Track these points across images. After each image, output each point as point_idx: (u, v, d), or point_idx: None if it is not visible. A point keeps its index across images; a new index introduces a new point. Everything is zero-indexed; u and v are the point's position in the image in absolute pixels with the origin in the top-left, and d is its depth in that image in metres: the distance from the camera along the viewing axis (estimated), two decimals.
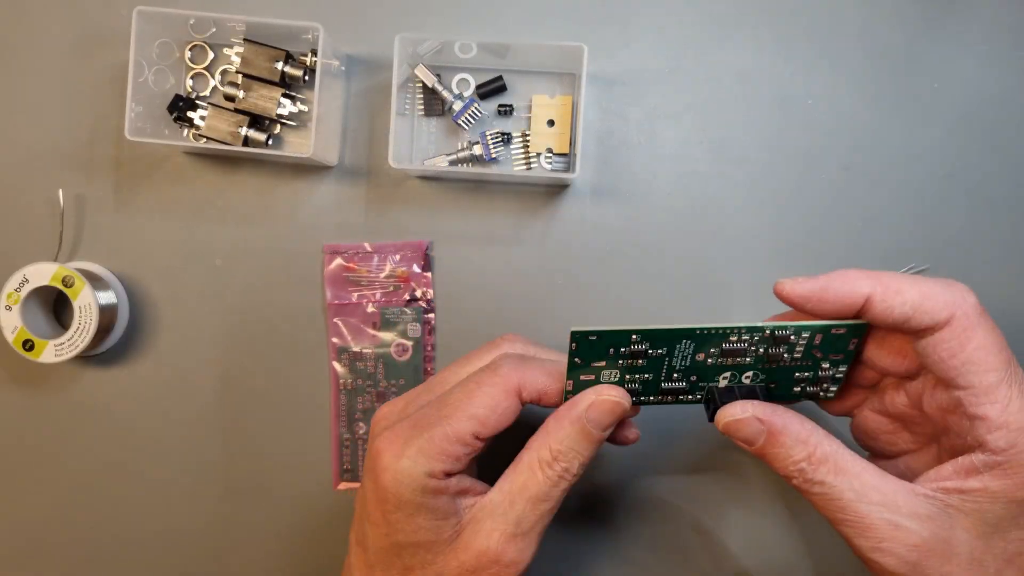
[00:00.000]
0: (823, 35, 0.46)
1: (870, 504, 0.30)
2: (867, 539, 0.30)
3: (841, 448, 0.31)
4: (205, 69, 0.46)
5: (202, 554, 0.47)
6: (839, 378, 0.35)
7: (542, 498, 0.33)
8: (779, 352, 0.33)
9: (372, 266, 0.46)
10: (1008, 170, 0.45)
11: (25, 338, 0.44)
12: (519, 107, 0.46)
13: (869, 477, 0.30)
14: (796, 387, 0.35)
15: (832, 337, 0.33)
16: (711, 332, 0.32)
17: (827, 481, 0.30)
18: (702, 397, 0.35)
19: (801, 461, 0.31)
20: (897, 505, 0.30)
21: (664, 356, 0.33)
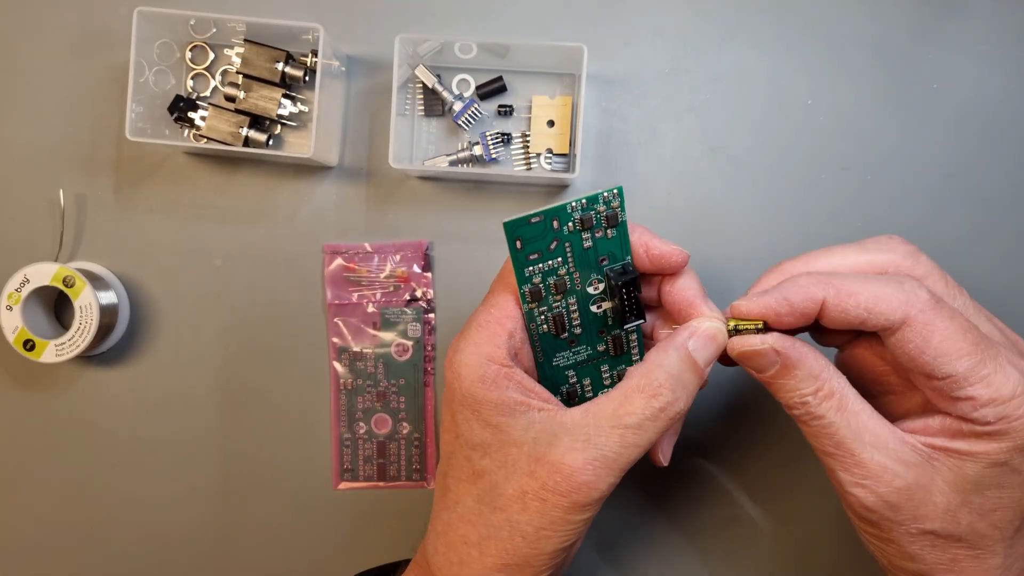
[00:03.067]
0: (823, 36, 0.46)
1: (863, 443, 0.30)
2: (852, 475, 0.31)
3: (846, 385, 0.31)
4: (205, 70, 0.46)
5: (202, 553, 0.47)
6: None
7: (633, 429, 0.31)
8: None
9: (372, 266, 0.46)
10: (1008, 170, 0.45)
11: (26, 338, 0.44)
12: (519, 107, 0.46)
13: (867, 418, 0.31)
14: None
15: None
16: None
17: (827, 416, 0.31)
18: (611, 294, 0.34)
19: (808, 395, 0.31)
20: (888, 448, 0.31)
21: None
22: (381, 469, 0.46)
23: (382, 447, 0.46)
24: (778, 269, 0.34)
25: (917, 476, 0.30)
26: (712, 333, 0.32)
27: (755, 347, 0.31)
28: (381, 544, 0.46)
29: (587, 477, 0.30)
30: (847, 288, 0.30)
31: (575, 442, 0.31)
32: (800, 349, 0.31)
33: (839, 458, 0.31)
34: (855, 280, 0.31)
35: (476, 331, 0.33)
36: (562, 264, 0.33)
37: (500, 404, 0.32)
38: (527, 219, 0.32)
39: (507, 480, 0.32)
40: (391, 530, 0.46)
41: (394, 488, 0.47)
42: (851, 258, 0.33)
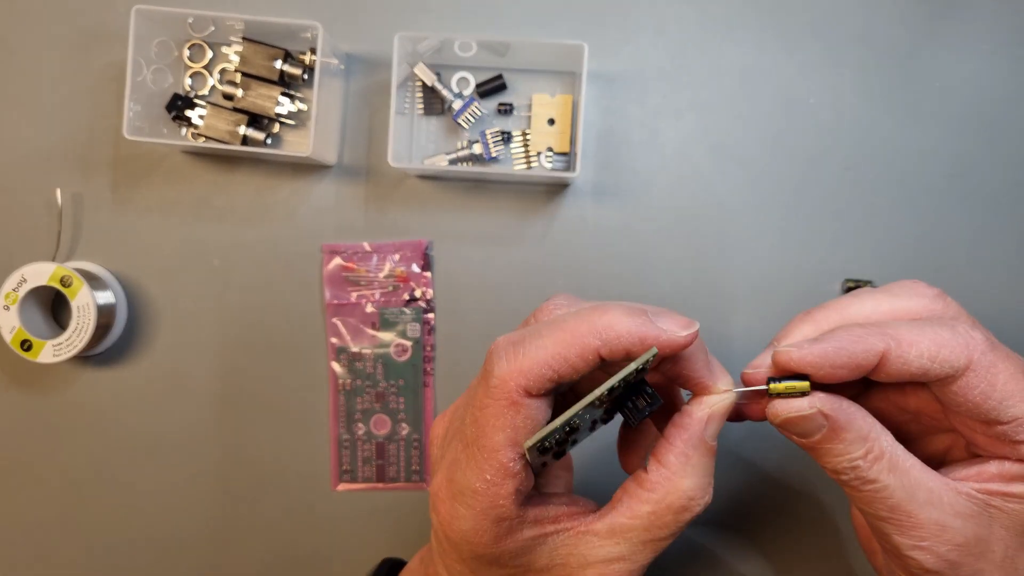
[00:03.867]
0: (825, 34, 0.45)
1: (919, 503, 0.28)
2: (910, 537, 0.29)
3: (894, 442, 0.29)
4: (204, 68, 0.46)
5: (201, 554, 0.47)
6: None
7: (667, 540, 0.30)
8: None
9: (371, 266, 0.46)
10: (1011, 169, 0.45)
11: (23, 338, 0.43)
12: (519, 106, 0.45)
13: (918, 474, 0.29)
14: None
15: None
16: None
17: (880, 479, 0.29)
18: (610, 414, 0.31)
19: (858, 459, 0.29)
20: (943, 503, 0.29)
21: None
22: (380, 470, 0.46)
23: (381, 448, 0.46)
24: (809, 318, 0.31)
25: (975, 528, 0.29)
26: (723, 411, 0.30)
27: (802, 412, 0.29)
28: (380, 545, 0.46)
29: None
30: (907, 337, 0.28)
31: (610, 562, 0.30)
32: (848, 409, 0.29)
33: (895, 522, 0.29)
34: (910, 328, 0.28)
35: (474, 498, 0.29)
36: (573, 431, 0.30)
37: (517, 551, 0.30)
38: (546, 437, 0.28)
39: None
40: (390, 531, 0.46)
41: (393, 489, 0.46)
42: (884, 305, 0.31)
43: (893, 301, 0.31)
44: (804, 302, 0.45)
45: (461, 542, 0.30)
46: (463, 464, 0.29)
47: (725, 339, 0.45)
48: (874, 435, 0.29)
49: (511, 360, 0.28)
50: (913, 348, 0.28)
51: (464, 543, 0.30)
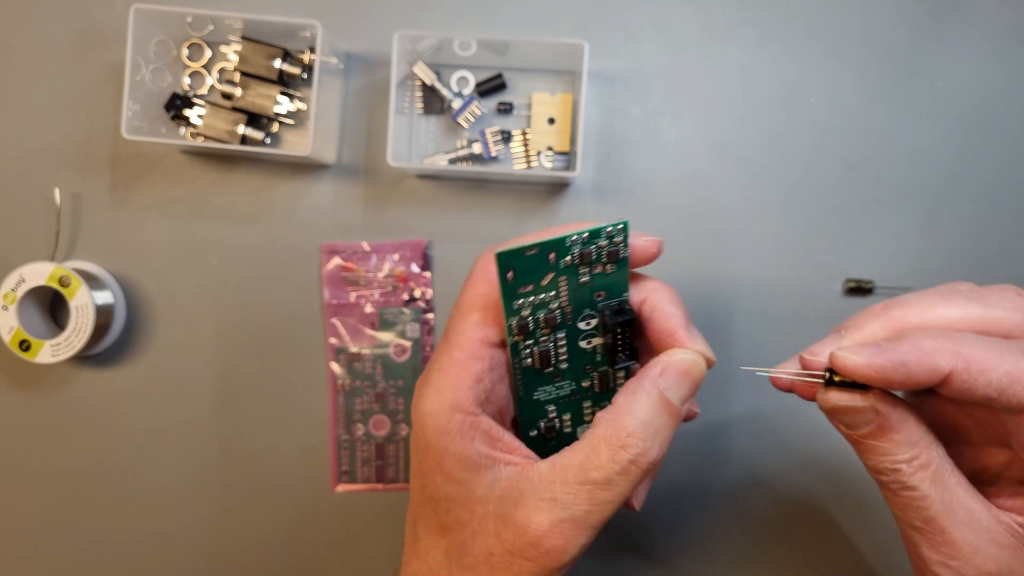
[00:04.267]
0: (826, 33, 0.45)
1: (956, 521, 0.28)
2: (939, 553, 0.28)
3: (943, 455, 0.28)
4: (202, 67, 0.46)
5: (199, 555, 0.46)
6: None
7: (602, 485, 0.28)
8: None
9: (370, 266, 0.45)
10: (1012, 168, 0.45)
11: (21, 338, 0.43)
12: (519, 105, 0.45)
13: (962, 492, 0.28)
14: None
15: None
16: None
17: (920, 488, 0.28)
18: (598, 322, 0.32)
19: (902, 463, 0.28)
20: (981, 527, 0.28)
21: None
22: (379, 471, 0.46)
23: (380, 449, 0.46)
24: (884, 314, 0.29)
25: (1009, 560, 0.28)
26: (685, 367, 0.30)
27: (854, 404, 0.28)
28: (379, 546, 0.46)
29: (555, 542, 0.28)
30: (979, 362, 0.26)
31: (541, 502, 0.29)
32: (903, 412, 0.28)
33: (927, 534, 0.28)
34: (988, 350, 0.26)
35: (439, 375, 0.31)
36: (555, 298, 0.31)
37: (464, 458, 0.30)
38: (522, 251, 0.29)
39: (474, 539, 0.30)
40: (389, 532, 0.46)
41: (392, 490, 0.46)
42: (973, 313, 0.28)
43: (985, 311, 0.28)
44: (804, 302, 0.45)
45: (419, 428, 0.31)
46: (438, 353, 0.32)
47: (725, 338, 0.45)
48: (924, 443, 0.28)
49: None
50: (983, 376, 0.26)
51: (420, 429, 0.31)
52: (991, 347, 0.26)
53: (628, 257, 0.31)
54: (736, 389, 0.45)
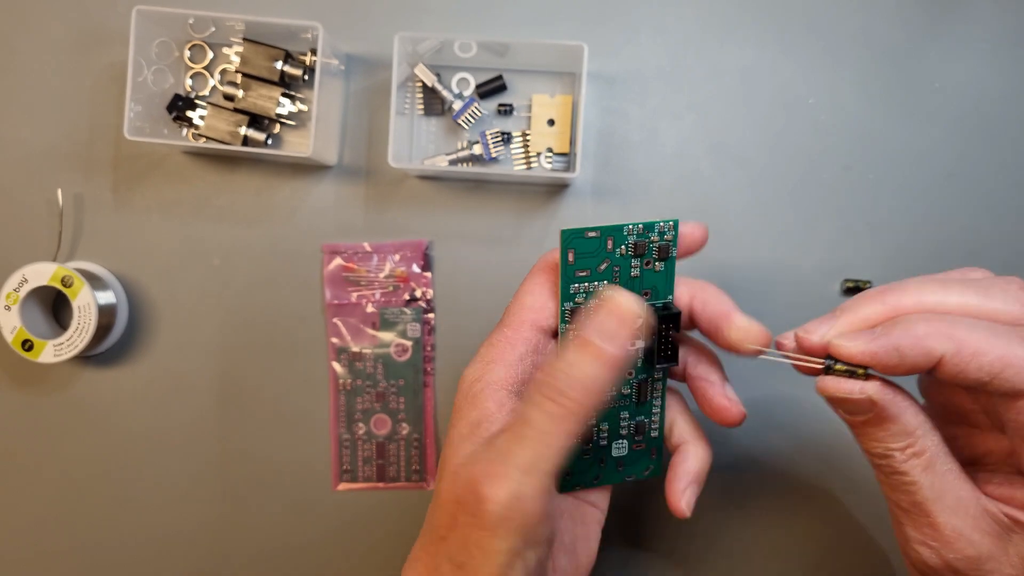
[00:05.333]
0: (825, 34, 0.46)
1: (943, 507, 0.28)
2: (922, 534, 0.29)
3: (939, 444, 0.29)
4: (204, 68, 0.46)
5: (201, 554, 0.47)
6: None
7: (537, 436, 0.28)
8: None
9: (371, 266, 0.46)
10: (1010, 169, 0.45)
11: (24, 338, 0.43)
12: (519, 106, 0.45)
13: (952, 479, 0.29)
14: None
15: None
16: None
17: (911, 474, 0.28)
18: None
19: (896, 450, 0.29)
20: (968, 515, 0.28)
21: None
22: (380, 470, 0.46)
23: (381, 448, 0.46)
24: (880, 298, 0.29)
25: (991, 547, 0.28)
26: (608, 306, 0.29)
27: (851, 395, 0.28)
28: (380, 545, 0.46)
29: (490, 493, 0.27)
30: (971, 346, 0.26)
31: (476, 449, 0.29)
32: (900, 404, 0.28)
33: (913, 516, 0.29)
34: (981, 333, 0.26)
35: (486, 348, 0.32)
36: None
37: (471, 421, 0.31)
38: (583, 232, 0.31)
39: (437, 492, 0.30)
40: (390, 531, 0.46)
41: (393, 489, 0.46)
42: (971, 301, 0.28)
43: (982, 301, 0.28)
44: (803, 302, 0.45)
45: (457, 390, 0.32)
46: (493, 330, 0.33)
47: None
48: (920, 433, 0.28)
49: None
50: (975, 360, 0.26)
51: (457, 391, 0.32)
52: (984, 332, 0.26)
53: (675, 257, 0.32)
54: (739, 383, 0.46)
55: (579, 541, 0.35)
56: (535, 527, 0.28)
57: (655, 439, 0.36)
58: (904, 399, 0.29)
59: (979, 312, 0.28)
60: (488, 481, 0.28)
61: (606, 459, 0.35)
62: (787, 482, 0.46)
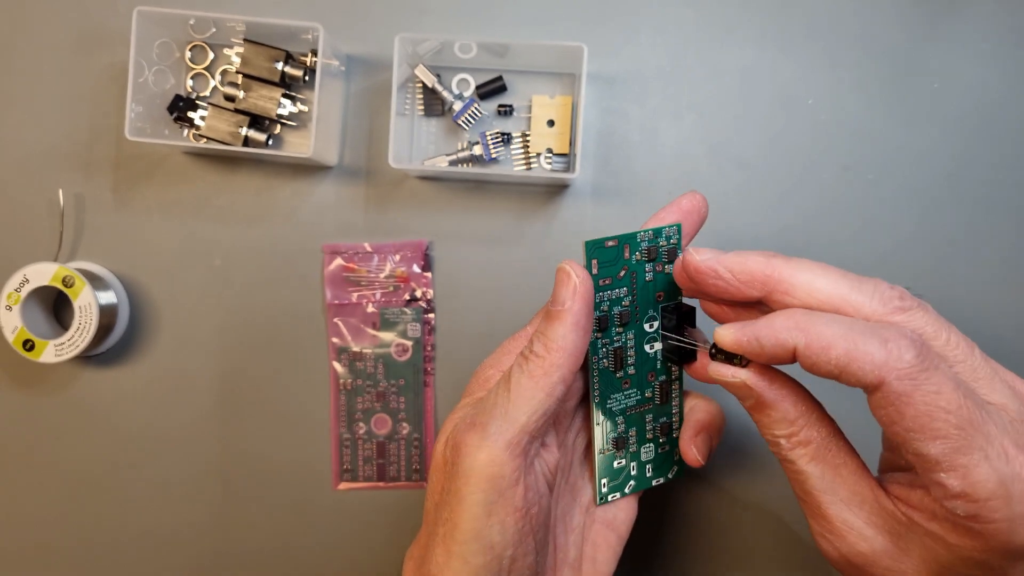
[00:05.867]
0: (824, 35, 0.46)
1: (833, 498, 0.29)
2: (818, 524, 0.30)
3: (829, 437, 0.30)
4: (205, 69, 0.46)
5: (202, 554, 0.47)
6: None
7: (515, 390, 0.30)
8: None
9: (372, 266, 0.46)
10: (1009, 170, 0.45)
11: (25, 338, 0.44)
12: (519, 107, 0.45)
13: (848, 473, 0.29)
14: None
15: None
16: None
17: (798, 463, 0.29)
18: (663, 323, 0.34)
19: (781, 437, 0.30)
20: (863, 510, 0.29)
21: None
22: (381, 469, 0.46)
23: (382, 447, 0.46)
24: (768, 260, 0.30)
25: (887, 544, 0.28)
26: (560, 275, 0.31)
27: (726, 379, 0.30)
28: (381, 545, 0.46)
29: (463, 443, 0.30)
30: (820, 340, 0.27)
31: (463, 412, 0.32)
32: (776, 392, 0.29)
33: (808, 505, 0.30)
34: (832, 328, 0.27)
35: (509, 342, 0.34)
36: (627, 294, 0.33)
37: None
38: (603, 242, 0.32)
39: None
40: (391, 531, 0.46)
41: (394, 488, 0.47)
42: (839, 290, 0.29)
43: (850, 292, 0.29)
44: None
45: (477, 371, 0.35)
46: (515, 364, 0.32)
47: None
48: (802, 422, 0.29)
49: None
50: (824, 353, 0.27)
51: (477, 371, 0.34)
52: (837, 326, 0.27)
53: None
54: None
55: (586, 561, 0.35)
56: (505, 480, 0.30)
57: (677, 439, 0.36)
58: (783, 388, 0.29)
59: (845, 300, 0.29)
60: (466, 431, 0.30)
61: (638, 465, 0.36)
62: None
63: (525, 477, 0.30)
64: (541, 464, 0.32)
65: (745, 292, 0.30)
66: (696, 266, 0.30)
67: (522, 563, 0.31)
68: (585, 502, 0.36)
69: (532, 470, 0.31)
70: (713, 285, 0.30)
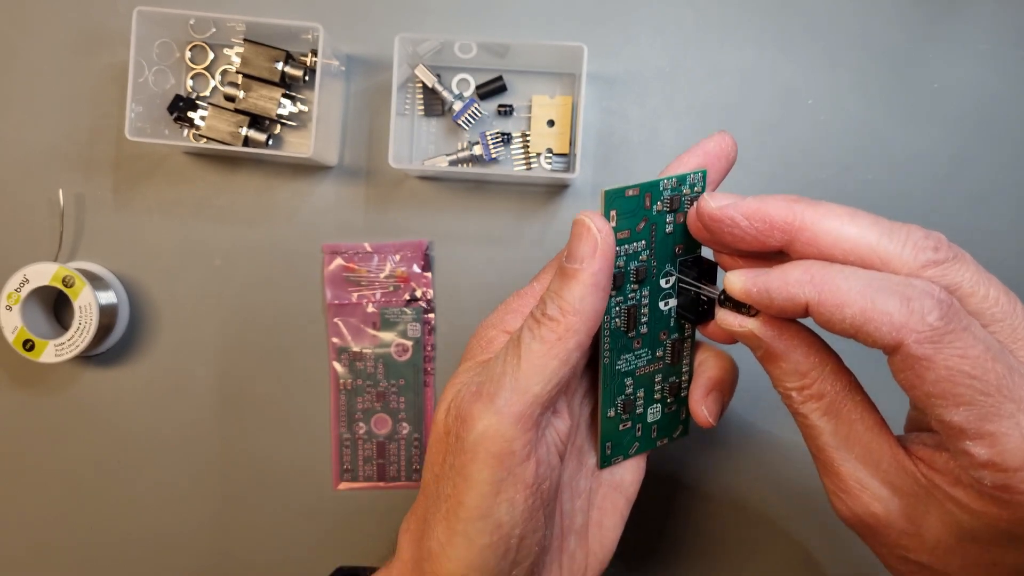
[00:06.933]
0: (824, 35, 0.46)
1: (846, 456, 0.27)
2: (831, 483, 0.28)
3: (846, 390, 0.27)
4: (205, 69, 0.46)
5: (201, 553, 0.47)
6: None
7: (526, 357, 0.28)
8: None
9: (372, 266, 0.46)
10: (1010, 169, 0.45)
11: (25, 338, 0.44)
12: (519, 107, 0.46)
13: (864, 430, 0.27)
14: None
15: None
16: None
17: (810, 417, 0.28)
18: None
19: (792, 390, 0.28)
20: (879, 469, 0.27)
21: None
22: (381, 469, 0.46)
23: (382, 447, 0.46)
24: (790, 204, 0.27)
25: (906, 506, 0.26)
26: (577, 229, 0.28)
27: (733, 328, 0.28)
28: (381, 544, 0.46)
29: (457, 404, 0.29)
30: (835, 296, 0.25)
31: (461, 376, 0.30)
32: (786, 343, 0.27)
33: (820, 462, 0.28)
34: (852, 283, 0.25)
35: (513, 299, 0.32)
36: (645, 248, 0.30)
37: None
38: (624, 191, 0.29)
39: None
40: (391, 530, 0.46)
41: (394, 488, 0.47)
42: (868, 237, 0.27)
43: (879, 240, 0.27)
44: None
45: (478, 330, 0.33)
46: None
47: None
48: (814, 375, 0.27)
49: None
50: (838, 311, 0.25)
51: (478, 330, 0.32)
52: (855, 281, 0.25)
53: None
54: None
55: (593, 527, 0.33)
56: (516, 456, 0.27)
57: (684, 399, 0.35)
58: (793, 339, 0.27)
59: (871, 251, 0.26)
60: (472, 401, 0.28)
61: (643, 427, 0.34)
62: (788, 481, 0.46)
63: (536, 451, 0.28)
64: (552, 434, 0.30)
65: (764, 242, 0.27)
66: (711, 213, 0.28)
67: (531, 540, 0.29)
68: (591, 466, 0.34)
69: (543, 442, 0.29)
70: (730, 234, 0.28)
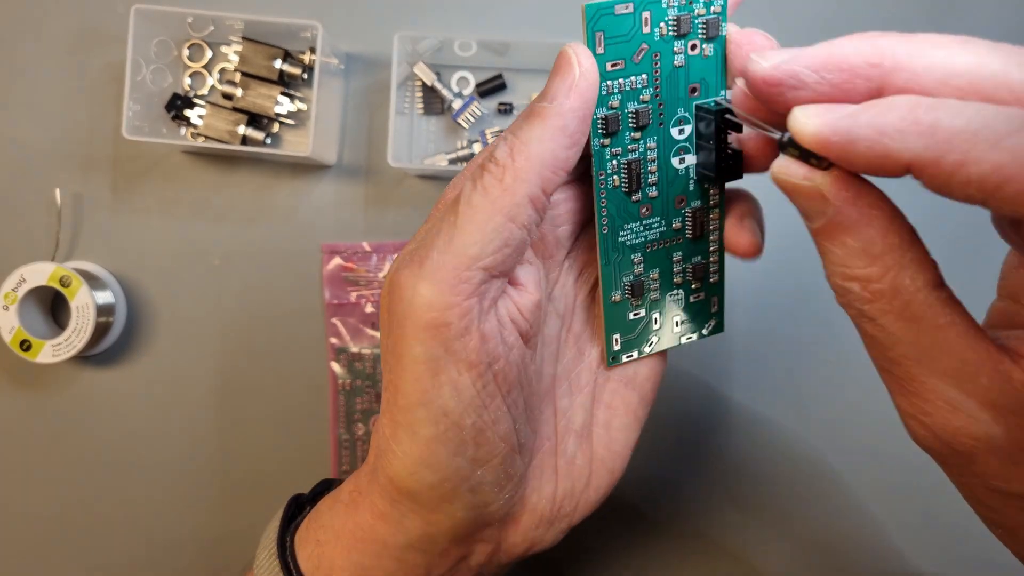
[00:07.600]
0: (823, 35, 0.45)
1: (933, 369, 0.20)
2: (911, 404, 0.21)
3: (929, 284, 0.21)
4: (203, 68, 0.46)
5: (200, 554, 0.47)
6: None
7: (464, 213, 0.23)
8: None
9: (371, 266, 0.46)
10: None
11: (22, 338, 0.43)
12: (519, 105, 0.45)
13: (954, 335, 0.20)
14: None
15: None
16: None
17: (880, 320, 0.21)
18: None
19: (854, 280, 0.21)
20: (975, 384, 0.20)
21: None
22: None
23: None
24: (871, 39, 0.20)
25: (1011, 428, 0.20)
26: (561, 59, 0.23)
27: (795, 180, 0.21)
28: None
29: (401, 277, 0.24)
30: (957, 153, 0.17)
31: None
32: (860, 211, 0.20)
33: (896, 379, 0.21)
34: (977, 132, 0.17)
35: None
36: (647, 85, 0.25)
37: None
38: (612, 7, 0.23)
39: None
40: None
41: None
42: (989, 67, 0.19)
43: (1005, 66, 0.19)
44: (804, 301, 0.45)
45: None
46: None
47: (725, 338, 0.45)
48: (889, 261, 0.20)
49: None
50: (962, 171, 0.18)
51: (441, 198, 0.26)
52: (985, 129, 0.17)
53: (726, 37, 0.26)
54: (742, 381, 0.46)
55: (598, 427, 0.29)
56: (451, 329, 0.23)
57: (715, 285, 0.29)
58: (872, 208, 0.20)
59: (998, 85, 0.19)
60: (403, 266, 0.24)
61: (661, 317, 0.28)
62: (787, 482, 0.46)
63: (481, 324, 0.23)
64: (508, 307, 0.25)
65: (845, 97, 0.20)
66: (766, 76, 0.21)
67: (491, 433, 0.24)
68: (596, 358, 0.29)
69: (491, 316, 0.24)
70: (794, 98, 0.21)
